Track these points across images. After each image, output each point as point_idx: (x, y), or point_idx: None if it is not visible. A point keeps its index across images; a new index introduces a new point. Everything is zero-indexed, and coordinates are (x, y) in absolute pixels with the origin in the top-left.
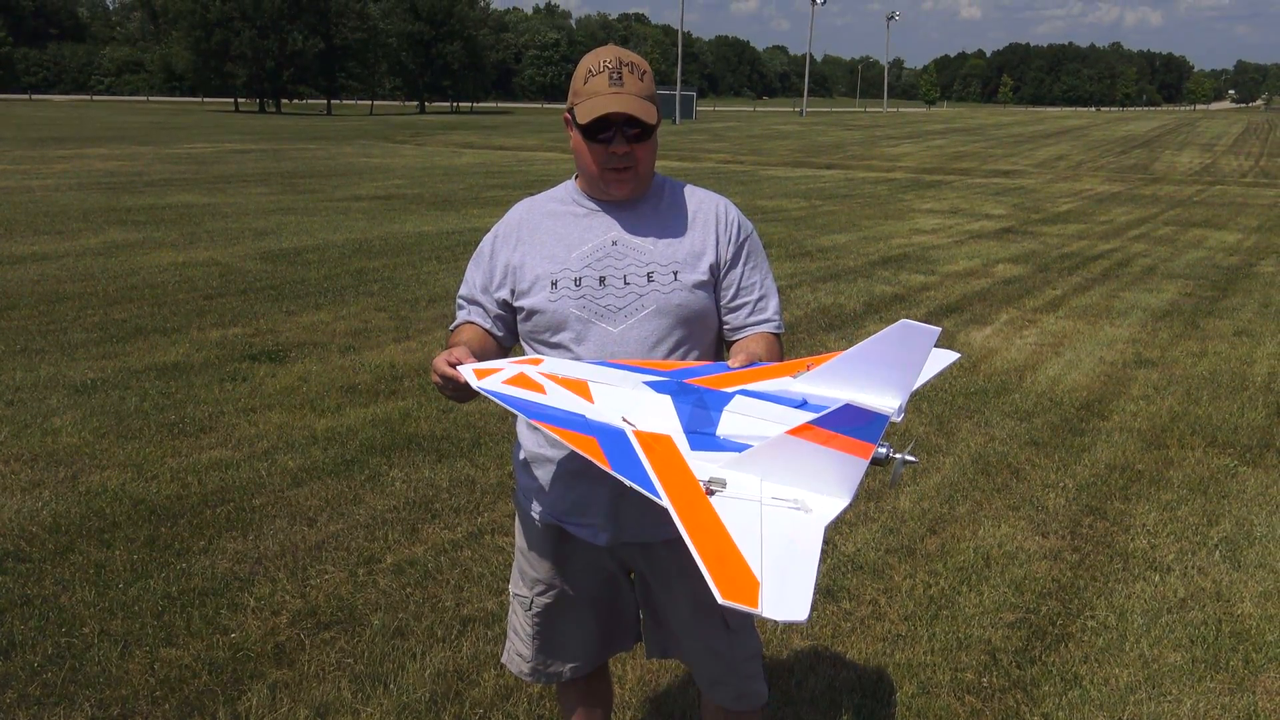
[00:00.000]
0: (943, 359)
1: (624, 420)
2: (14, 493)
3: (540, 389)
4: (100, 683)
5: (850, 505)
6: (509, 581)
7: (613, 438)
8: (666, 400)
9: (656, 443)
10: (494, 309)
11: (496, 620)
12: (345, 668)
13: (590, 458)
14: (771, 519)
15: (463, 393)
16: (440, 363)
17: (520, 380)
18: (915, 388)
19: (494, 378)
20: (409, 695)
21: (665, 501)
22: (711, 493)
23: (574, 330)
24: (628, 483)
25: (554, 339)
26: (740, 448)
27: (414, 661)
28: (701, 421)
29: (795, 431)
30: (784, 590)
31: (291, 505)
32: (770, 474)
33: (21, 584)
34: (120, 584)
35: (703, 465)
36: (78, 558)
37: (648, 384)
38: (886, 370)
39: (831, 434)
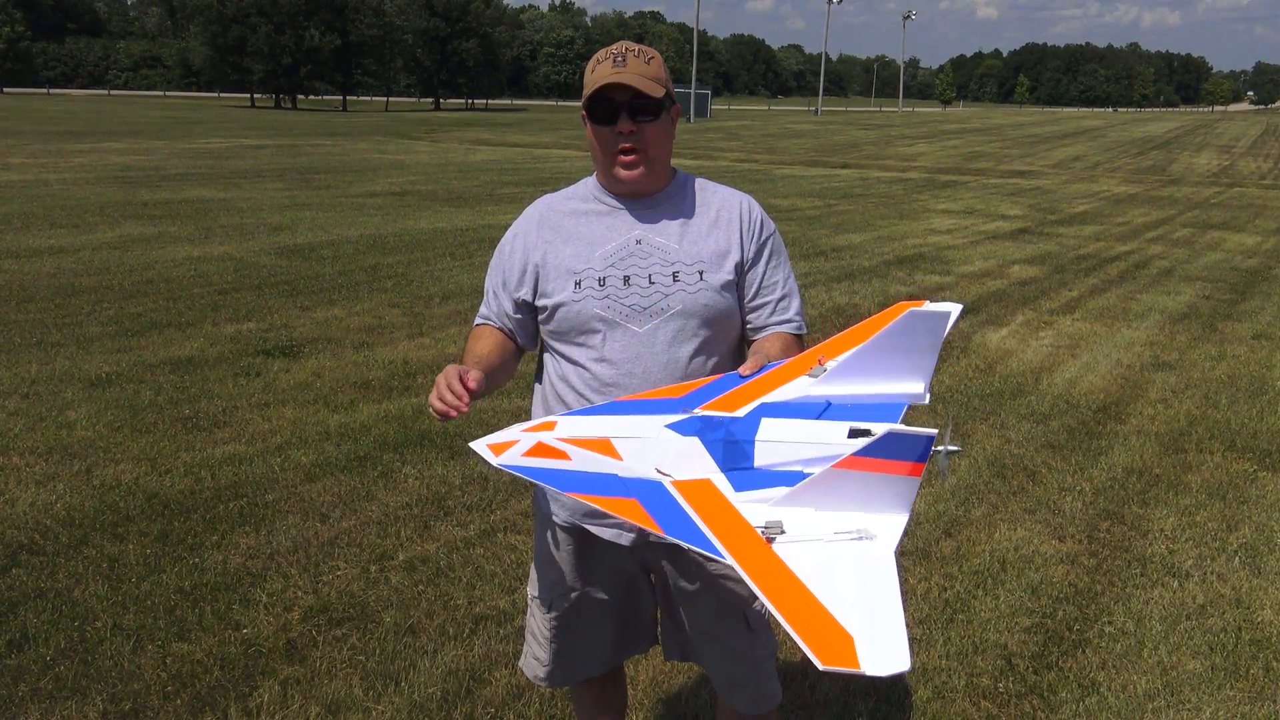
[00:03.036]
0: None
1: (658, 472)
2: (28, 486)
3: (564, 455)
4: (112, 677)
5: (910, 518)
6: (526, 584)
7: (653, 494)
8: (695, 442)
9: (699, 490)
10: (512, 310)
11: (509, 619)
12: (357, 665)
13: (638, 523)
14: (839, 556)
15: (449, 411)
16: (453, 378)
17: (541, 450)
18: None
19: (512, 451)
20: (420, 693)
21: (730, 560)
22: (771, 540)
23: (599, 330)
24: (686, 546)
25: (578, 339)
26: (781, 475)
27: (426, 659)
28: (737, 457)
29: (842, 465)
30: (879, 641)
31: (304, 501)
32: (825, 505)
33: (35, 577)
34: (133, 578)
35: (753, 508)
36: (91, 551)
37: (670, 426)
38: (903, 359)
39: (879, 461)
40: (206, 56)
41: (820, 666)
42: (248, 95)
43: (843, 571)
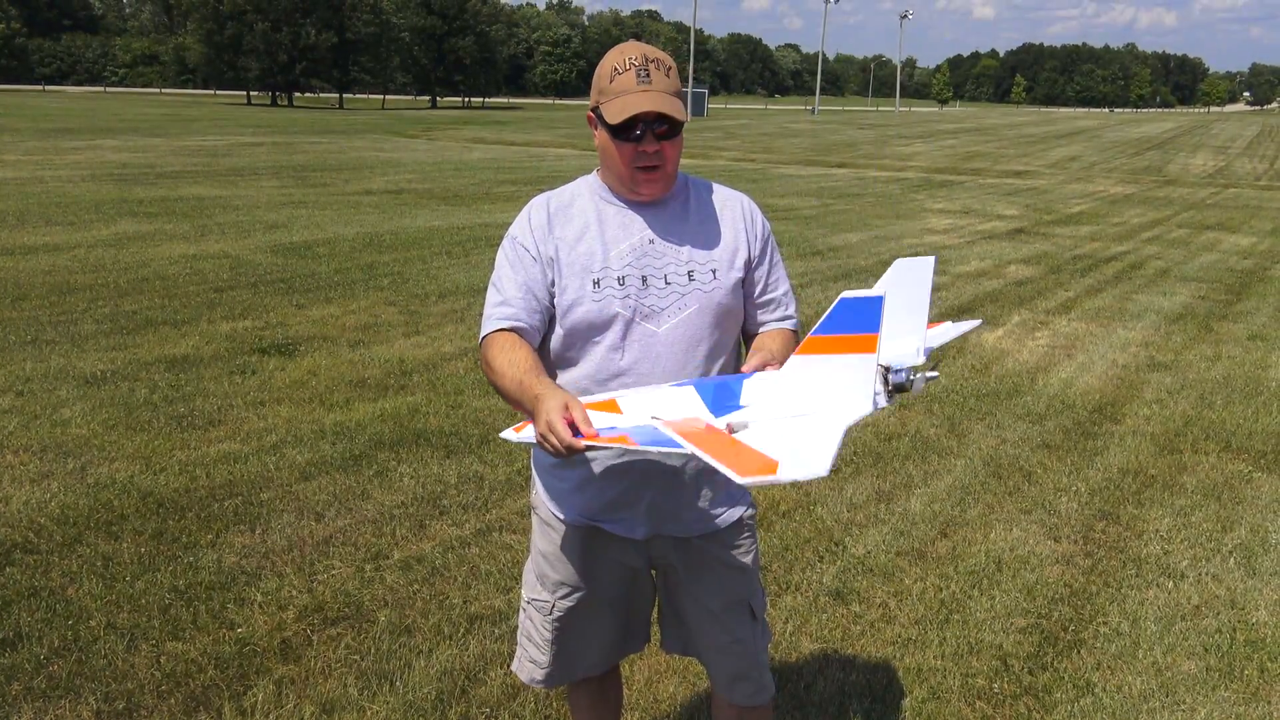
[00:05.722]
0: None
1: (653, 418)
2: (23, 484)
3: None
4: (106, 676)
5: (873, 412)
6: (522, 587)
7: (642, 430)
8: (690, 390)
9: (685, 423)
10: (549, 306)
11: (504, 618)
12: (352, 664)
13: (619, 444)
14: (791, 429)
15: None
16: (564, 430)
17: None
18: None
19: (529, 430)
20: (415, 693)
21: (682, 443)
22: (733, 431)
23: (618, 330)
24: (654, 450)
25: (597, 338)
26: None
27: (421, 659)
28: (726, 396)
29: (802, 349)
30: (799, 457)
31: (299, 500)
32: (788, 401)
33: (29, 576)
34: (127, 577)
35: (726, 420)
36: (85, 550)
37: (671, 386)
38: (898, 316)
39: (834, 338)
40: (202, 54)
41: (738, 478)
42: (244, 93)
43: (789, 435)
